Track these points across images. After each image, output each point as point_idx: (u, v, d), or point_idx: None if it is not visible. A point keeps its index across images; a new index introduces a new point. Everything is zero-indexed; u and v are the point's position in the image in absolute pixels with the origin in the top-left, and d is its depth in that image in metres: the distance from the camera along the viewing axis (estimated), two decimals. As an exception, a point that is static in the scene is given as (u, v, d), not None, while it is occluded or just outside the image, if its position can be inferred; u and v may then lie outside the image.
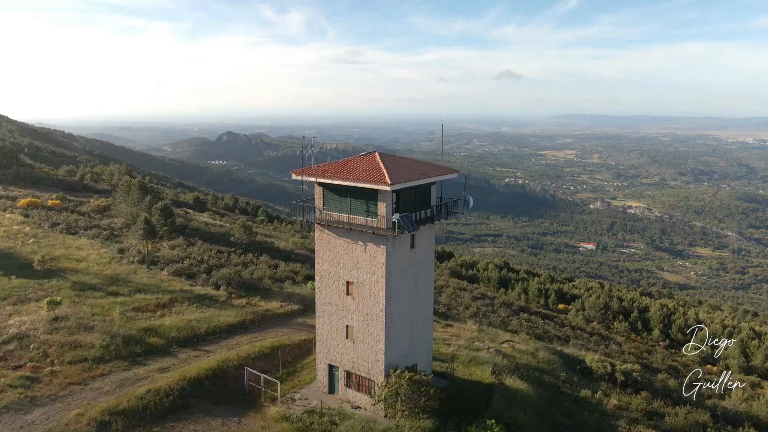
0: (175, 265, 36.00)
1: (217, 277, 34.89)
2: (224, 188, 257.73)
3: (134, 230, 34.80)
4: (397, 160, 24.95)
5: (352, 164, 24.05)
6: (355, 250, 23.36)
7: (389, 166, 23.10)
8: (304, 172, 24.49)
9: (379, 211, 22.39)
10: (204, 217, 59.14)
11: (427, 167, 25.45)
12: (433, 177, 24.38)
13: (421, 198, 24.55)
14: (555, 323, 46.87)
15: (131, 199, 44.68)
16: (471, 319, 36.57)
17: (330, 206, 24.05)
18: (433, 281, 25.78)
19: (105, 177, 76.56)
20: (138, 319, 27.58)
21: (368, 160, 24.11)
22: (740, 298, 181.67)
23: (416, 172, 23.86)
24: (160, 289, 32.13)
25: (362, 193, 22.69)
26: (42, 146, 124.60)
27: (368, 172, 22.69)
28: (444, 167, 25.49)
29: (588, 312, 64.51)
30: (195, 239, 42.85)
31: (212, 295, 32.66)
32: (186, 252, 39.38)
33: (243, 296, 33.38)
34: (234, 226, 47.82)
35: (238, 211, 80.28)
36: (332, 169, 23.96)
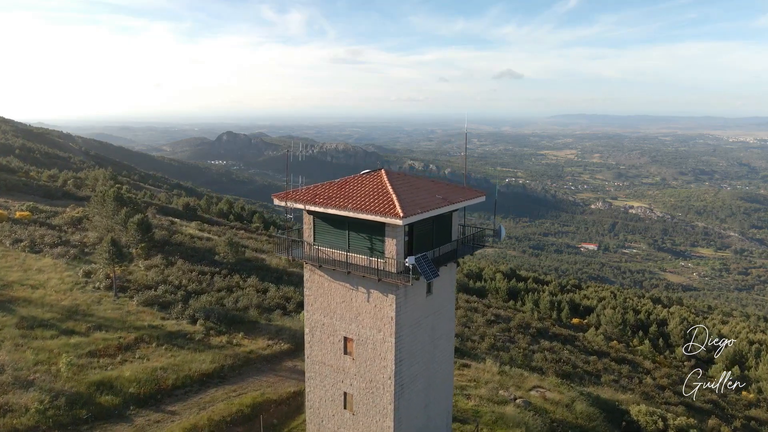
0: (147, 293, 30.93)
1: (194, 308, 29.78)
2: (223, 188, 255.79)
3: (99, 252, 29.66)
4: (409, 181, 20.25)
5: (351, 186, 19.22)
6: (356, 298, 18.39)
7: (400, 190, 18.32)
8: (288, 197, 19.24)
9: (386, 249, 17.65)
10: (191, 227, 54.28)
11: (447, 189, 20.87)
12: (456, 203, 19.49)
13: (441, 229, 19.83)
14: (577, 348, 42.21)
15: (105, 211, 39.80)
16: (489, 353, 31.84)
17: (323, 240, 19.28)
18: (453, 329, 20.83)
19: (89, 182, 71.57)
20: (91, 369, 22.48)
21: (372, 180, 19.33)
22: (744, 299, 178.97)
23: (434, 197, 19.04)
24: (125, 325, 27.14)
25: (365, 224, 18.01)
26: (34, 147, 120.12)
27: (373, 198, 17.85)
28: (469, 190, 20.58)
29: (605, 327, 60.87)
30: (175, 258, 37.84)
31: (187, 331, 27.59)
32: (163, 275, 34.33)
33: (223, 332, 28.28)
34: (223, 238, 42.75)
35: (233, 217, 75.22)
36: (326, 192, 19.04)
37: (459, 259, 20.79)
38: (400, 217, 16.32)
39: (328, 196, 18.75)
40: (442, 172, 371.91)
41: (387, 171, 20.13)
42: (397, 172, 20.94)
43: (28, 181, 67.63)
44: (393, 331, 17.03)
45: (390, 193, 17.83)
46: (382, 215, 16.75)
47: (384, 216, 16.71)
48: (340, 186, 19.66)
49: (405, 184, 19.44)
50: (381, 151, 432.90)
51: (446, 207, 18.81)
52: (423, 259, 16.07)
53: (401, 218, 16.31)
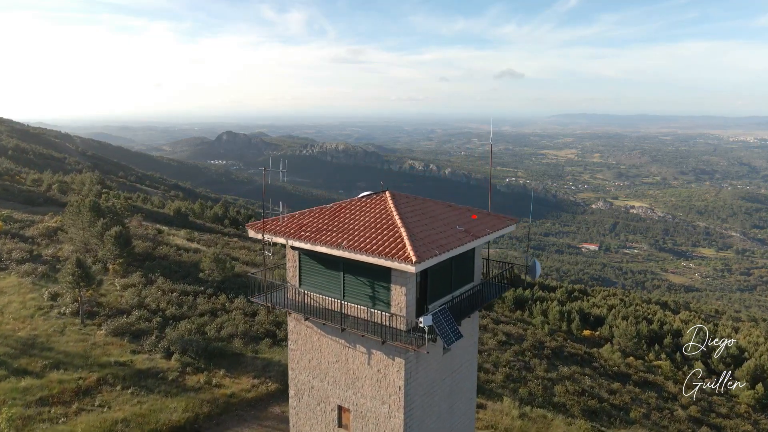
0: (118, 320, 27.07)
1: (171, 339, 25.79)
2: (223, 189, 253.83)
3: (63, 275, 25.96)
4: (420, 207, 16.35)
5: (348, 215, 15.53)
6: (353, 358, 14.61)
7: (410, 221, 14.61)
8: (267, 228, 15.60)
9: (393, 299, 13.90)
10: (180, 236, 50.65)
11: (468, 216, 17.05)
12: (482, 236, 15.67)
13: (462, 267, 16.07)
14: (597, 372, 38.72)
15: (81, 222, 36.23)
16: (505, 386, 28.30)
17: (311, 283, 15.71)
18: (475, 387, 17.10)
19: (75, 187, 67.95)
20: (38, 423, 18.69)
21: (374, 207, 15.68)
22: (747, 300, 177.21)
23: (453, 229, 15.27)
24: (87, 362, 23.31)
25: (365, 266, 14.32)
26: (29, 148, 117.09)
27: (376, 232, 14.14)
28: (497, 217, 16.94)
29: (619, 340, 57.77)
30: (156, 275, 34.17)
31: (159, 369, 23.68)
32: (140, 296, 30.61)
33: (201, 369, 24.25)
34: (210, 251, 39.01)
35: (228, 222, 71.59)
36: (314, 223, 15.40)
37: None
38: (413, 263, 12.45)
39: (318, 228, 14.96)
40: (442, 172, 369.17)
41: (393, 194, 16.24)
42: (405, 195, 16.97)
43: (11, 186, 64.01)
44: (401, 405, 13.22)
45: (398, 226, 14.04)
46: (389, 258, 12.90)
47: (391, 259, 12.89)
48: (333, 214, 15.81)
49: (416, 212, 15.65)
50: (381, 151, 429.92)
51: (470, 243, 14.91)
52: (442, 316, 12.29)
53: (414, 263, 12.45)
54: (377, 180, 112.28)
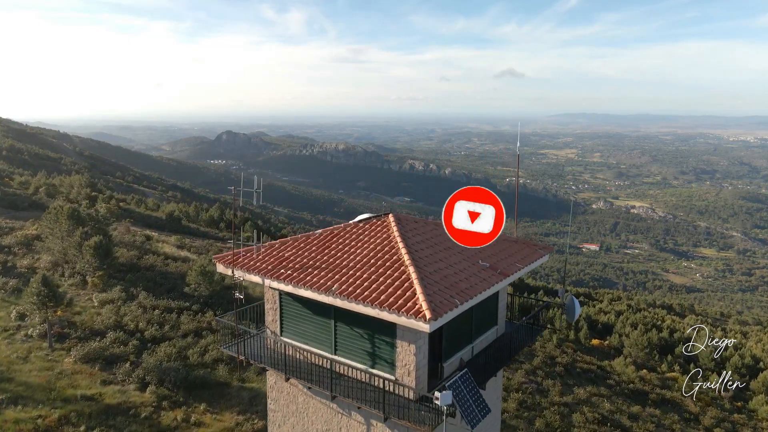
0: (90, 343, 24.34)
1: (147, 366, 22.80)
2: (222, 189, 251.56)
3: (27, 295, 23.21)
4: (431, 233, 13.21)
5: (341, 247, 12.74)
6: (348, 428, 11.89)
7: (420, 256, 11.67)
8: (239, 263, 13.00)
9: (399, 358, 11.13)
10: (170, 243, 48.02)
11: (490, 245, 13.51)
12: (513, 273, 12.66)
13: (484, 311, 13.29)
14: (614, 391, 36.24)
15: (59, 231, 33.68)
16: (519, 416, 25.74)
17: (295, 330, 13.00)
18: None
19: (63, 190, 65.32)
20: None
21: (375, 235, 12.88)
22: (749, 301, 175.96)
23: (476, 265, 12.27)
24: (51, 395, 20.46)
25: (362, 316, 11.34)
26: (24, 148, 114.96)
27: (378, 275, 11.18)
28: (527, 245, 14.07)
29: (630, 350, 55.54)
30: (138, 289, 31.55)
31: (132, 403, 20.78)
32: (118, 314, 27.93)
33: (180, 404, 21.28)
34: (198, 263, 36.34)
35: (224, 225, 68.91)
36: (299, 257, 12.58)
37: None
38: (427, 319, 9.56)
39: (303, 264, 12.13)
40: (443, 172, 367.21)
41: (397, 217, 13.30)
42: (412, 219, 14.18)
43: (-8, 190, 61.41)
44: (409, 497, 10.11)
45: (405, 264, 11.14)
46: (395, 311, 10.02)
47: (398, 313, 10.01)
48: (324, 244, 12.88)
49: (426, 241, 12.69)
50: (381, 151, 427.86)
51: (498, 284, 11.91)
52: (465, 386, 9.38)
53: (429, 320, 9.58)
54: (377, 180, 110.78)
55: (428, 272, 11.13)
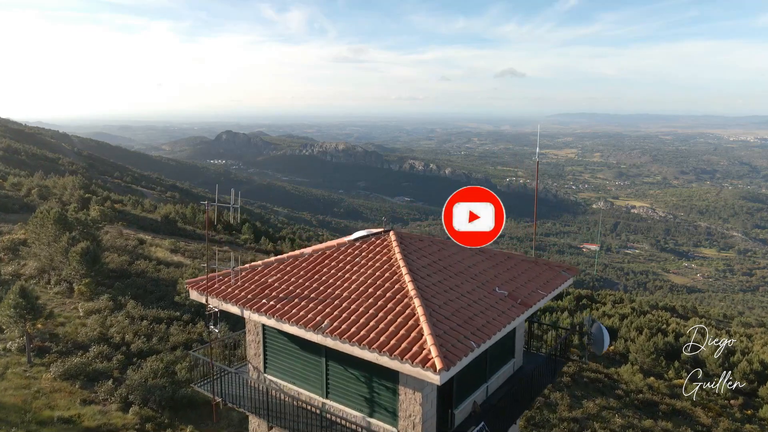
0: (72, 358, 23.37)
1: (131, 383, 21.51)
2: (222, 189, 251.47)
3: (2, 308, 22.23)
4: (438, 254, 11.85)
5: (335, 271, 11.37)
6: None
7: (428, 286, 10.33)
8: (214, 290, 11.59)
9: (401, 407, 9.72)
10: (163, 247, 47.05)
11: (505, 267, 12.39)
12: (535, 303, 11.21)
13: (500, 344, 11.63)
14: (623, 403, 35.36)
15: (45, 236, 32.85)
16: (525, 433, 24.84)
17: (280, 367, 11.64)
18: None
19: (57, 191, 64.42)
20: None
21: (374, 258, 11.40)
22: (750, 301, 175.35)
23: (492, 293, 10.89)
24: (26, 418, 19.04)
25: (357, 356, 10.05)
26: (21, 148, 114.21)
27: (378, 308, 9.82)
28: (549, 266, 12.92)
29: (636, 356, 54.68)
30: (127, 297, 30.66)
31: (113, 426, 19.32)
32: (104, 325, 26.99)
33: (165, 426, 20.00)
34: (189, 270, 35.48)
35: (221, 227, 68.05)
36: (285, 283, 11.19)
37: None
38: (437, 370, 8.23)
39: (289, 292, 10.71)
40: (443, 172, 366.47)
41: (399, 235, 11.81)
42: (416, 237, 12.45)
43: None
44: None
45: (410, 296, 9.64)
46: (398, 358, 8.64)
47: (402, 360, 8.61)
48: (314, 268, 11.37)
49: (434, 265, 11.16)
50: (381, 150, 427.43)
51: (519, 317, 10.44)
52: None
53: (439, 371, 8.26)
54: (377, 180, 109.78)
55: (437, 305, 9.69)
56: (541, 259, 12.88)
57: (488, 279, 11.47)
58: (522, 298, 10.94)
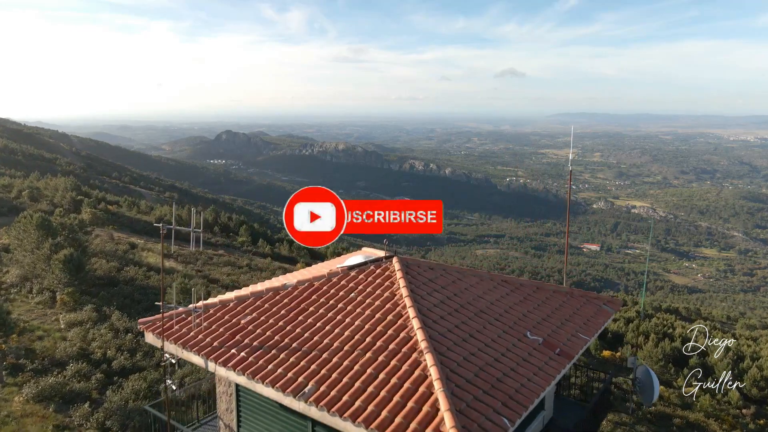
0: (47, 377, 21.53)
1: (109, 407, 19.04)
2: (221, 189, 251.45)
3: None
4: (453, 288, 10.03)
5: (325, 311, 9.56)
6: None
7: (442, 332, 8.54)
8: (172, 333, 9.83)
9: None
10: (155, 251, 45.53)
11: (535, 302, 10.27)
12: (577, 351, 9.36)
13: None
14: (633, 414, 33.86)
15: (27, 242, 31.30)
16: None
17: (257, 427, 9.79)
18: None
19: (48, 193, 62.92)
20: None
21: (374, 294, 9.63)
22: (751, 302, 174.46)
23: (523, 339, 8.98)
24: None
25: None
26: (18, 148, 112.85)
27: (379, 366, 7.92)
28: (587, 297, 11.03)
29: (644, 363, 53.30)
30: (112, 308, 29.07)
31: None
32: (85, 339, 25.35)
33: None
34: (178, 279, 33.94)
35: (218, 229, 66.70)
36: (261, 327, 9.37)
37: None
38: None
39: (266, 339, 8.86)
40: (443, 172, 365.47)
41: (403, 263, 10.10)
42: (426, 265, 10.52)
43: (-24, 193, 59.01)
44: None
45: (420, 348, 7.82)
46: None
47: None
48: (298, 306, 9.55)
49: (450, 305, 9.29)
50: (381, 150, 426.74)
51: (560, 374, 8.59)
52: None
53: None
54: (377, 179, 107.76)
55: (456, 362, 7.77)
56: (577, 290, 11.02)
57: (516, 320, 9.51)
58: (561, 346, 8.89)
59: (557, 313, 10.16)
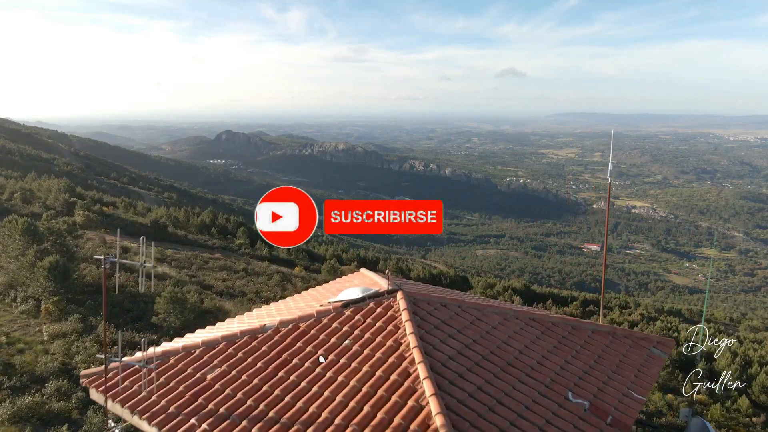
0: (25, 396, 19.91)
1: (90, 429, 18.09)
2: (221, 189, 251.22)
3: None
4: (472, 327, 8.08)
5: (308, 372, 7.43)
6: None
7: (467, 411, 6.33)
8: (117, 393, 7.75)
9: None
10: (149, 254, 44.32)
11: (581, 344, 8.28)
12: (632, 419, 7.11)
13: None
14: (644, 427, 32.61)
15: (12, 248, 30.02)
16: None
17: None
18: None
19: (41, 195, 61.69)
20: None
21: (373, 341, 7.61)
22: (752, 302, 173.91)
23: (567, 405, 6.82)
24: None
25: None
26: (15, 149, 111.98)
27: None
28: (635, 342, 8.54)
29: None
30: (99, 318, 27.78)
31: None
32: (69, 352, 24.03)
33: None
34: (169, 289, 32.56)
35: (215, 231, 65.50)
36: (230, 387, 7.33)
37: None
38: None
39: (236, 404, 7.11)
40: (443, 172, 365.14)
41: (412, 299, 8.35)
42: (437, 301, 8.73)
43: (-32, 195, 57.83)
44: None
45: (433, 424, 6.04)
46: None
47: None
48: (279, 357, 7.78)
49: (470, 356, 7.51)
50: (381, 150, 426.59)
51: None
52: None
53: None
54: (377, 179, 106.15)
55: None
56: (620, 328, 9.20)
57: (553, 375, 7.63)
58: (613, 412, 7.05)
59: (601, 362, 8.36)
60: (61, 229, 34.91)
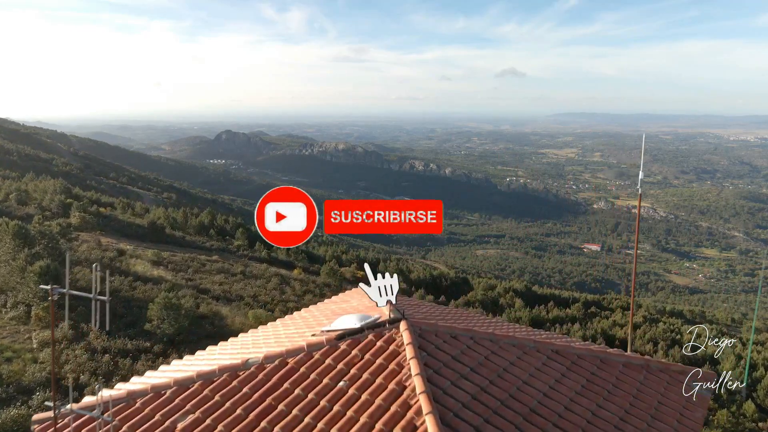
0: (9, 410, 19.10)
1: None
2: (221, 189, 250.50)
3: None
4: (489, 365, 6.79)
5: (297, 421, 5.99)
6: None
7: None
8: None
9: None
10: (145, 258, 43.34)
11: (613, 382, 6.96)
12: None
13: None
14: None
15: (3, 252, 29.33)
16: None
17: None
18: None
19: (37, 196, 60.95)
20: None
21: (372, 388, 6.20)
22: (753, 303, 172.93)
23: None
24: None
25: None
26: (14, 149, 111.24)
27: None
28: (674, 379, 7.24)
29: None
30: (89, 324, 27.06)
31: None
32: (58, 362, 23.36)
33: None
34: (162, 294, 31.84)
35: (214, 232, 64.78)
36: None
37: None
38: None
39: None
40: (443, 172, 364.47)
41: (417, 330, 7.03)
42: (448, 332, 7.31)
43: (-38, 197, 57.10)
44: None
45: None
46: None
47: None
48: (260, 402, 6.44)
49: (487, 401, 6.15)
50: (381, 150, 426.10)
51: None
52: None
53: None
54: (377, 179, 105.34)
55: None
56: (654, 360, 7.98)
57: (585, 423, 6.28)
58: None
59: (638, 404, 7.13)
60: (54, 231, 34.22)
